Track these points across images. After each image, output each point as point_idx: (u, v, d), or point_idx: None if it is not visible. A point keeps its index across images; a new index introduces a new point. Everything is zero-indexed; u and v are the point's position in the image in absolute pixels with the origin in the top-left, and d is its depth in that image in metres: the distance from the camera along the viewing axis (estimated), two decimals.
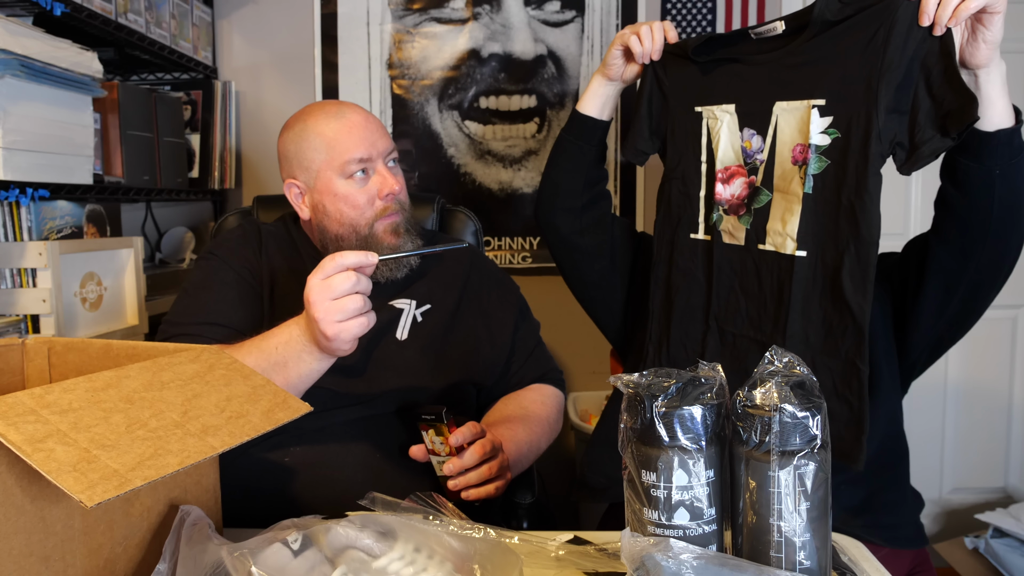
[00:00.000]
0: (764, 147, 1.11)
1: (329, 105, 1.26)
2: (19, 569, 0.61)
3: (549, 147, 2.29)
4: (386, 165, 1.24)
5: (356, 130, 1.22)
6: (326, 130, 1.22)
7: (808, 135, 1.05)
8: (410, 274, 1.29)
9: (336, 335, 0.93)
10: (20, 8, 1.46)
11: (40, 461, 0.56)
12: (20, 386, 0.92)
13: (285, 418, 0.76)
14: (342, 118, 1.22)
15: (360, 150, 1.21)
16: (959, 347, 2.35)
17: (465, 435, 1.05)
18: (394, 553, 0.70)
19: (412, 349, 1.23)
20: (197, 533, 0.70)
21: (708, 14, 2.25)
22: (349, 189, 1.22)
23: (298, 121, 1.26)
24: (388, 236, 1.22)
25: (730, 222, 1.15)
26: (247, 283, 1.23)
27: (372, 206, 1.22)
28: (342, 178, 1.21)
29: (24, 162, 1.35)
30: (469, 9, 2.26)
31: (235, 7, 2.30)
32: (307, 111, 1.27)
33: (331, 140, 1.21)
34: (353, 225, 1.22)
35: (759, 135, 1.12)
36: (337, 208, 1.22)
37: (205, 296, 1.21)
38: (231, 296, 1.21)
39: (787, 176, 1.08)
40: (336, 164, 1.21)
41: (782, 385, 0.64)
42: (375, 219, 1.22)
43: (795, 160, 1.08)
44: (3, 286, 1.43)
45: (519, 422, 1.25)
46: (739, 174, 1.14)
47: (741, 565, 0.63)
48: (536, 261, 2.30)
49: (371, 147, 1.22)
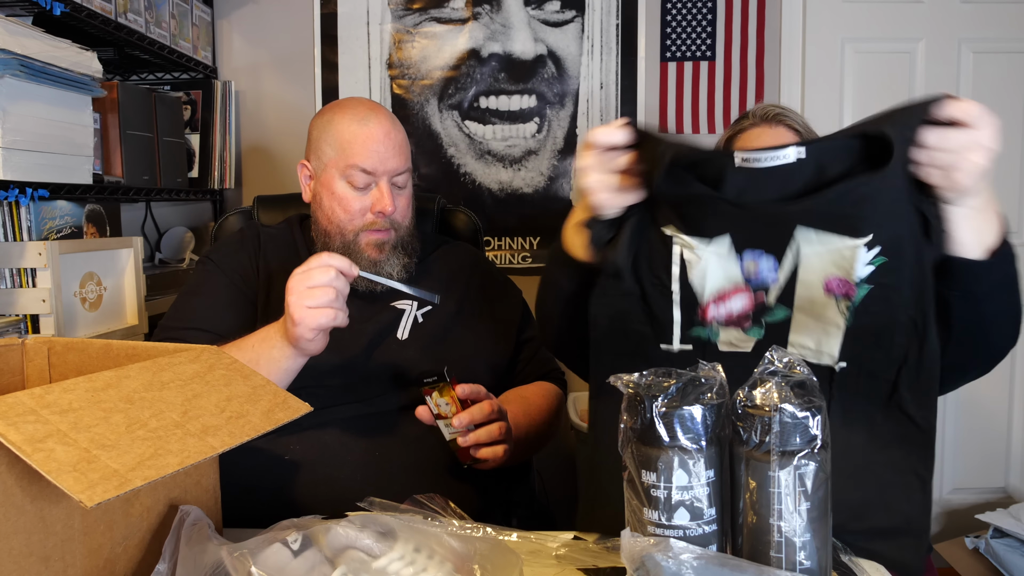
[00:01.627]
0: (778, 270, 0.89)
1: (361, 107, 1.27)
2: (19, 569, 0.61)
3: (549, 147, 2.30)
4: (390, 184, 1.25)
5: (371, 142, 1.23)
6: (345, 131, 1.24)
7: (853, 271, 0.86)
8: (413, 276, 1.29)
9: (301, 319, 0.99)
10: (20, 8, 1.46)
11: (40, 461, 0.56)
12: (20, 386, 0.92)
13: (285, 418, 0.76)
14: (365, 125, 1.24)
15: (367, 162, 1.22)
16: None
17: (472, 389, 1.07)
18: (394, 553, 0.70)
19: (413, 349, 1.24)
20: (197, 533, 0.70)
21: (708, 14, 2.25)
22: (346, 193, 1.24)
23: (330, 110, 1.29)
24: (370, 249, 1.24)
25: (732, 334, 0.93)
26: (237, 288, 1.26)
27: (363, 216, 1.24)
28: (343, 180, 1.24)
29: (24, 162, 1.35)
30: (469, 9, 2.26)
31: (235, 7, 2.30)
32: (341, 105, 1.29)
33: (345, 142, 1.23)
34: (340, 227, 1.25)
35: (770, 255, 0.89)
36: (331, 206, 1.25)
37: (195, 302, 1.25)
38: (219, 302, 1.24)
39: (818, 303, 0.89)
40: (342, 165, 1.23)
41: (782, 385, 0.64)
42: (362, 229, 1.24)
43: (831, 291, 0.88)
44: (3, 286, 1.43)
45: (518, 404, 1.25)
46: (741, 291, 0.92)
47: (741, 565, 0.63)
48: (536, 261, 2.30)
49: (379, 163, 1.23)
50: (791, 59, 2.28)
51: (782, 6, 2.26)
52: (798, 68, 2.29)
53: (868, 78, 2.30)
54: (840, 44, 2.29)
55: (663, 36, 2.27)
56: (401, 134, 1.27)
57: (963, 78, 2.30)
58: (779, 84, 2.28)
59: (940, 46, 2.29)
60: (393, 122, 1.27)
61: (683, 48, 2.27)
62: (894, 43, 2.29)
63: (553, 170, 2.29)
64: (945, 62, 2.29)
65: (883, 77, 2.30)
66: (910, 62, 2.30)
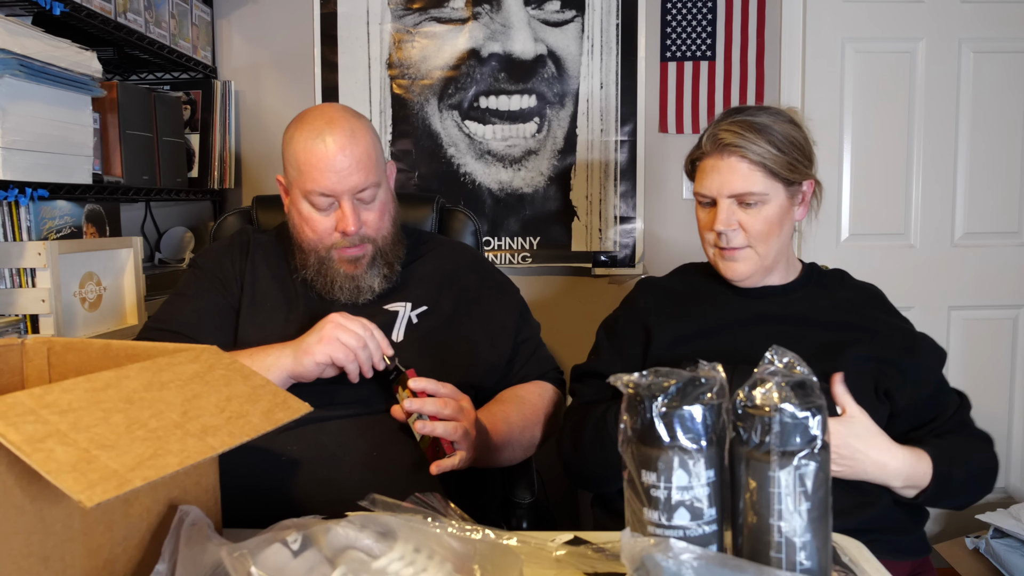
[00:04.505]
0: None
1: (319, 121, 1.21)
2: (19, 569, 0.61)
3: (549, 147, 2.30)
4: (353, 201, 1.21)
5: (325, 162, 1.18)
6: (301, 152, 1.20)
7: None
8: (405, 276, 1.29)
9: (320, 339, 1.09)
10: (19, 8, 1.46)
11: (40, 461, 0.56)
12: (19, 386, 0.92)
13: (285, 418, 0.75)
14: (319, 144, 1.19)
15: (324, 185, 1.19)
16: (959, 346, 2.35)
17: (429, 385, 1.11)
18: (394, 553, 0.70)
19: (409, 351, 1.23)
20: (196, 533, 0.70)
21: (708, 14, 2.25)
22: (312, 214, 1.23)
23: (293, 125, 1.26)
24: (345, 265, 1.25)
25: None
26: (218, 293, 1.28)
27: (331, 236, 1.23)
28: (306, 202, 1.23)
29: (23, 162, 1.35)
30: (469, 9, 2.25)
31: (235, 7, 2.30)
32: (302, 119, 1.25)
33: (301, 164, 1.21)
34: (312, 246, 1.25)
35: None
36: (300, 225, 1.25)
37: (176, 304, 1.28)
38: (197, 306, 1.26)
39: None
40: (302, 189, 1.22)
41: (782, 385, 0.64)
42: (333, 247, 1.24)
43: None
44: (2, 286, 1.43)
45: (513, 403, 1.26)
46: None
47: (741, 565, 0.63)
48: (536, 261, 2.30)
49: (337, 184, 1.19)
50: (791, 59, 2.28)
51: (782, 6, 2.26)
52: (798, 68, 2.29)
53: (868, 78, 2.30)
54: (840, 44, 2.29)
55: (663, 36, 2.27)
56: (361, 146, 1.20)
57: (963, 78, 2.30)
58: (779, 84, 2.28)
59: (940, 46, 2.29)
60: (352, 135, 1.20)
61: (683, 48, 2.27)
62: (894, 43, 2.29)
63: (553, 170, 2.29)
64: (945, 62, 2.29)
65: (883, 77, 2.30)
66: (910, 62, 2.30)
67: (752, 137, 1.16)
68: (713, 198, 1.21)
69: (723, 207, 1.19)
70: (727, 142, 1.17)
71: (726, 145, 1.17)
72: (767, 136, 1.17)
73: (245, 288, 1.27)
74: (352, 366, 1.10)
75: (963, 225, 2.34)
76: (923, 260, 2.34)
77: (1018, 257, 2.35)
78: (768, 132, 1.17)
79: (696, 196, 1.25)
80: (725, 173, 1.18)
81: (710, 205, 1.23)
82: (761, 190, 1.18)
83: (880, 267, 2.29)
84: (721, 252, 1.23)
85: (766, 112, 1.21)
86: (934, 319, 2.33)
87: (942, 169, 2.32)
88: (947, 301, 2.36)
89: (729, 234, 1.20)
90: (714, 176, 1.19)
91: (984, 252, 2.35)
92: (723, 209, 1.19)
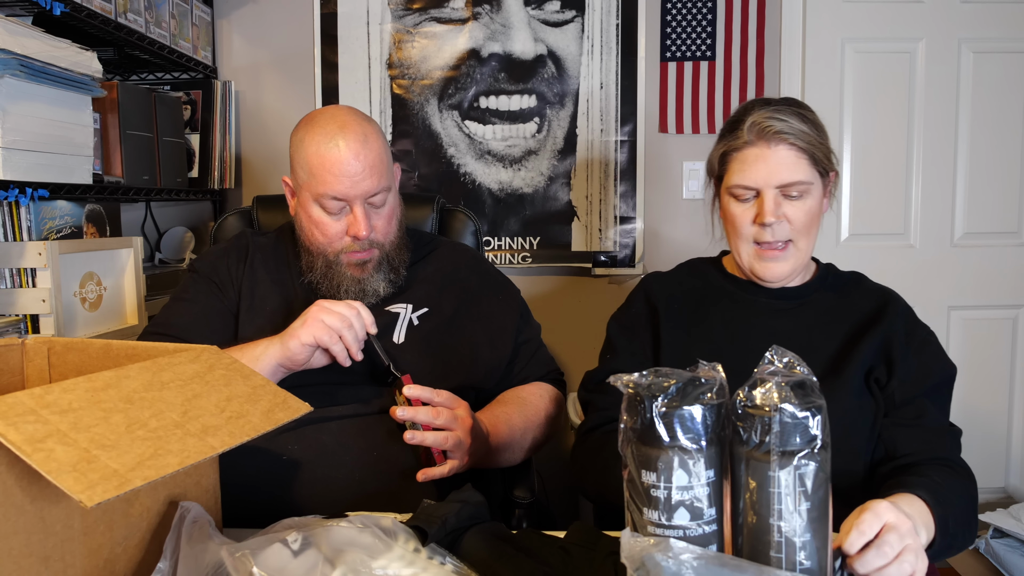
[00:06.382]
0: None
1: (332, 124, 1.21)
2: (19, 569, 0.61)
3: (549, 147, 2.30)
4: (365, 206, 1.21)
5: (339, 167, 1.18)
6: (314, 155, 1.20)
7: None
8: (407, 278, 1.30)
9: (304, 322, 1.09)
10: (20, 8, 1.46)
11: (40, 461, 0.56)
12: (20, 386, 0.92)
13: (285, 418, 0.76)
14: (333, 148, 1.18)
15: (337, 190, 1.19)
16: (959, 346, 2.35)
17: (423, 393, 1.11)
18: (394, 553, 0.70)
19: (410, 352, 1.23)
20: (198, 532, 0.70)
21: (708, 14, 2.25)
22: (322, 217, 1.23)
23: (303, 127, 1.25)
24: (352, 269, 1.24)
25: None
26: (215, 296, 1.28)
27: (340, 240, 1.23)
28: (317, 206, 1.22)
29: (24, 162, 1.35)
30: (469, 9, 2.25)
31: (235, 7, 2.30)
32: (313, 121, 1.24)
33: (314, 168, 1.20)
34: (321, 250, 1.25)
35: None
36: (310, 228, 1.25)
37: (174, 307, 1.29)
38: (195, 310, 1.27)
39: None
40: (314, 192, 1.21)
41: (782, 385, 0.64)
42: (341, 251, 1.24)
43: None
44: (3, 286, 1.43)
45: (514, 405, 1.25)
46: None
47: (741, 565, 0.63)
48: (536, 261, 2.30)
49: (350, 188, 1.19)
50: (791, 59, 2.28)
51: (782, 6, 2.26)
52: (798, 68, 2.29)
53: (868, 78, 2.30)
54: (840, 44, 2.29)
55: (663, 36, 2.27)
56: (375, 151, 1.20)
57: (963, 78, 2.30)
58: (779, 84, 2.28)
59: (940, 46, 2.29)
60: (365, 139, 1.20)
61: (683, 48, 2.27)
62: (894, 43, 2.29)
63: (553, 170, 2.29)
64: (945, 62, 2.29)
65: (883, 77, 2.30)
66: (910, 62, 2.30)
67: (798, 124, 1.12)
68: (757, 189, 1.14)
69: (769, 198, 1.13)
70: (776, 130, 1.12)
71: (775, 133, 1.12)
72: (809, 124, 1.14)
73: (243, 293, 1.28)
74: (338, 347, 1.09)
75: (963, 225, 2.34)
76: (923, 260, 2.35)
77: (1018, 257, 2.35)
78: (807, 121, 1.14)
79: (733, 190, 1.16)
80: (772, 162, 1.12)
81: (749, 199, 1.16)
82: (808, 179, 1.13)
83: (880, 267, 2.29)
84: (760, 252, 1.17)
85: (790, 103, 1.17)
86: (934, 319, 2.33)
87: (942, 169, 2.32)
88: (947, 301, 2.36)
89: (776, 227, 1.14)
90: (760, 166, 1.13)
91: (984, 252, 2.35)
92: (769, 199, 1.13)
